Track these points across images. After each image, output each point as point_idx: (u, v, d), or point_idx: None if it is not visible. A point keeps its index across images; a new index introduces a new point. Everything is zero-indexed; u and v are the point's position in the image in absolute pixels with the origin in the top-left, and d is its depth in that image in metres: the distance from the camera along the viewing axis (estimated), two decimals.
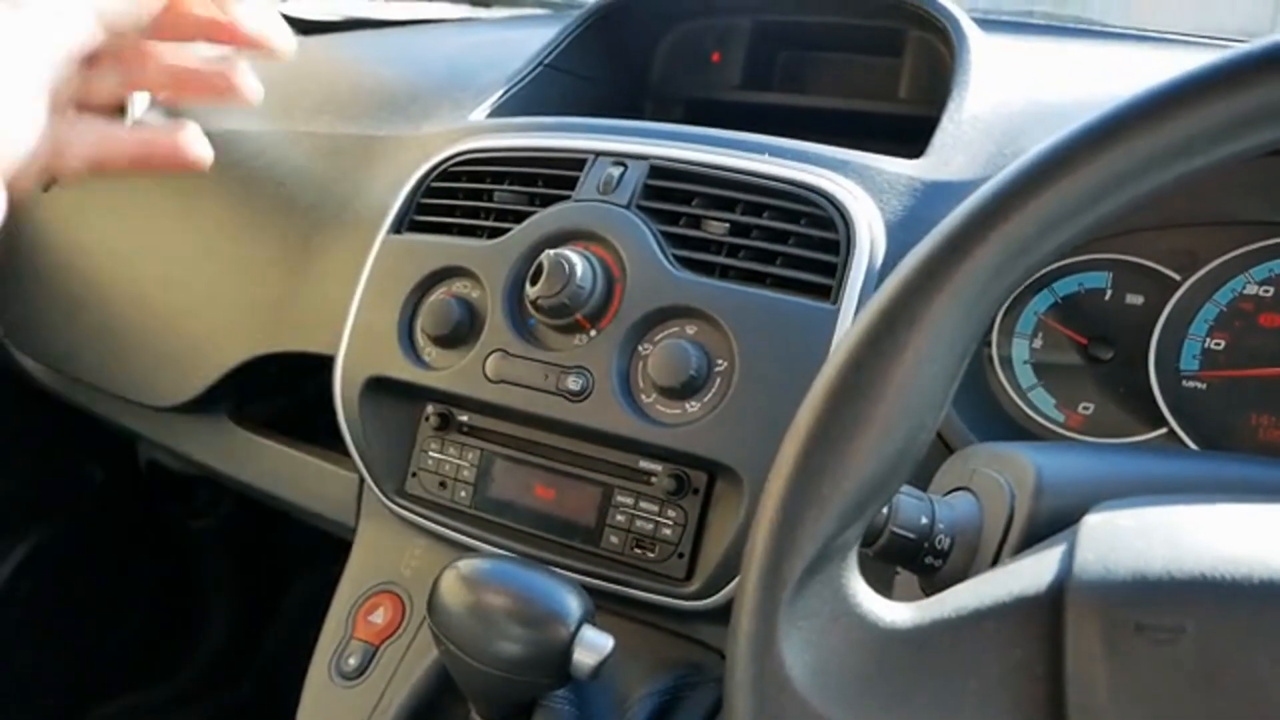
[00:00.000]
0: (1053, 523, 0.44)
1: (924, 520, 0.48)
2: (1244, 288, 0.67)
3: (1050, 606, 0.35)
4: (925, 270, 0.36)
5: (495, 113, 0.97)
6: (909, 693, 0.36)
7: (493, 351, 0.76)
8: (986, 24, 0.94)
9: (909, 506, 0.48)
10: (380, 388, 0.82)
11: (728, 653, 0.38)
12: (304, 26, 1.67)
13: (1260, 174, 0.65)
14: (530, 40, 1.07)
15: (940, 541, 0.48)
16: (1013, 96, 0.81)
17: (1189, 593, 0.33)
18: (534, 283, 0.72)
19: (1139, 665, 0.32)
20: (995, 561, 0.46)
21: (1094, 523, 0.38)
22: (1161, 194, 0.35)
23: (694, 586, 0.70)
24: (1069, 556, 0.36)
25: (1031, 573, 0.37)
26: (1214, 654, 0.32)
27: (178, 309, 1.04)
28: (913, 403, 0.36)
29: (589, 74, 1.09)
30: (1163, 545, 0.35)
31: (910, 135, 0.84)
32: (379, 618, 0.83)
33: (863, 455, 0.36)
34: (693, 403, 0.69)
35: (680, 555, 0.71)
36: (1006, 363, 0.73)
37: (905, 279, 0.36)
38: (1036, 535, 0.44)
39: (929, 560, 0.48)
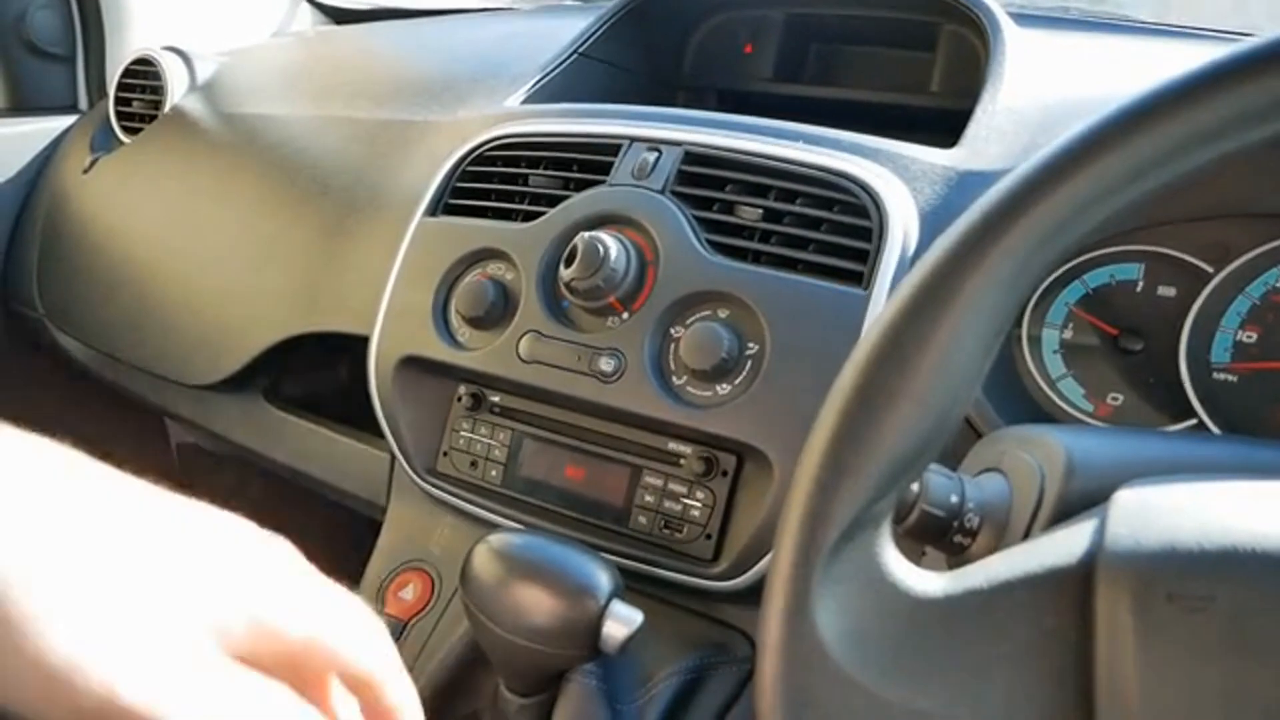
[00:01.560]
0: (1083, 503, 0.44)
1: (954, 499, 0.48)
2: (1277, 280, 0.67)
3: (1082, 577, 0.36)
4: (963, 247, 0.36)
5: (529, 99, 0.98)
6: (940, 658, 0.37)
7: (526, 333, 0.77)
8: (1021, 18, 0.94)
9: (939, 485, 0.48)
10: (414, 367, 0.83)
11: (761, 617, 0.39)
12: (340, 15, 1.69)
13: None
14: (563, 30, 1.09)
15: (970, 520, 0.49)
16: (1048, 89, 0.81)
17: (1219, 563, 0.33)
18: (568, 265, 0.73)
19: (1169, 633, 0.33)
20: (1024, 541, 0.47)
21: (1125, 498, 0.38)
22: (1195, 177, 0.36)
23: (721, 567, 0.71)
24: (1101, 529, 0.37)
25: (1064, 544, 0.37)
26: (1243, 621, 0.32)
27: (215, 289, 1.06)
28: (948, 378, 0.37)
29: (622, 63, 1.10)
30: (1193, 519, 0.35)
31: (941, 128, 0.84)
32: (408, 594, 0.85)
33: (898, 427, 0.37)
34: (723, 385, 0.70)
35: (708, 536, 0.72)
36: (1036, 352, 0.73)
37: (943, 255, 0.37)
38: (1066, 515, 0.44)
39: (958, 539, 0.49)
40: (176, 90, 1.26)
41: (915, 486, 0.48)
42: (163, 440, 1.58)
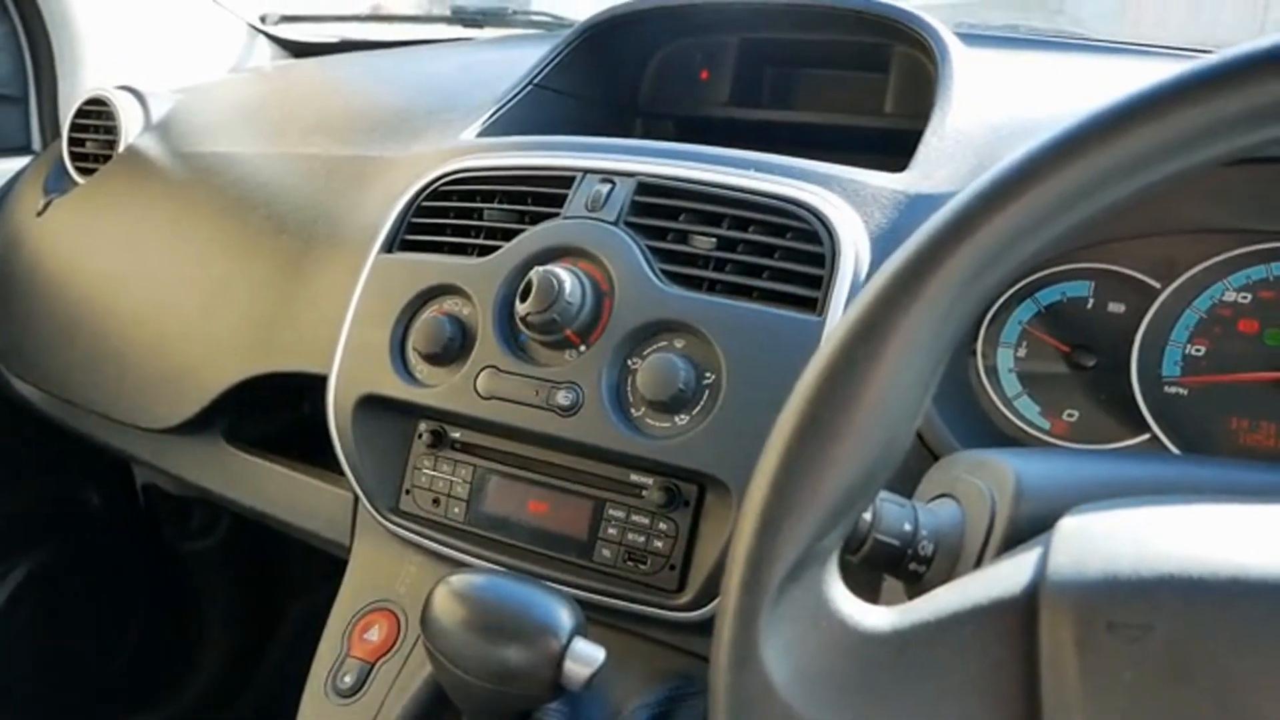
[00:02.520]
0: (1032, 527, 0.44)
1: (907, 527, 0.48)
2: (1223, 294, 0.68)
3: (1026, 607, 0.36)
4: (897, 284, 0.37)
5: (485, 132, 0.98)
6: (889, 694, 0.36)
7: (484, 368, 0.77)
8: (971, 38, 0.95)
9: (892, 513, 0.48)
10: (373, 406, 0.83)
11: (711, 657, 0.38)
12: (298, 49, 1.69)
13: (1236, 182, 0.67)
14: (521, 60, 1.09)
15: (923, 548, 0.49)
16: (995, 110, 0.82)
17: (1157, 591, 0.33)
18: (524, 300, 0.73)
19: (1110, 662, 0.33)
20: (978, 566, 0.47)
21: (1068, 525, 0.38)
22: (1122, 207, 0.36)
23: (686, 598, 0.71)
24: (1043, 559, 0.37)
25: (1008, 575, 0.37)
26: (1181, 650, 0.32)
27: (171, 331, 1.05)
28: (887, 412, 0.37)
29: (579, 93, 1.10)
30: (1132, 546, 0.35)
31: (898, 148, 0.85)
32: (375, 635, 0.84)
33: (839, 464, 0.37)
34: (682, 416, 0.70)
35: (672, 567, 0.72)
36: (992, 371, 0.74)
37: (878, 293, 0.37)
38: (1017, 539, 0.45)
39: (913, 566, 0.49)
40: (131, 130, 1.25)
41: (868, 516, 0.48)
42: (128, 479, 1.57)
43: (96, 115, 1.27)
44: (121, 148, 1.23)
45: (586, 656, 0.60)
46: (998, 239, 0.36)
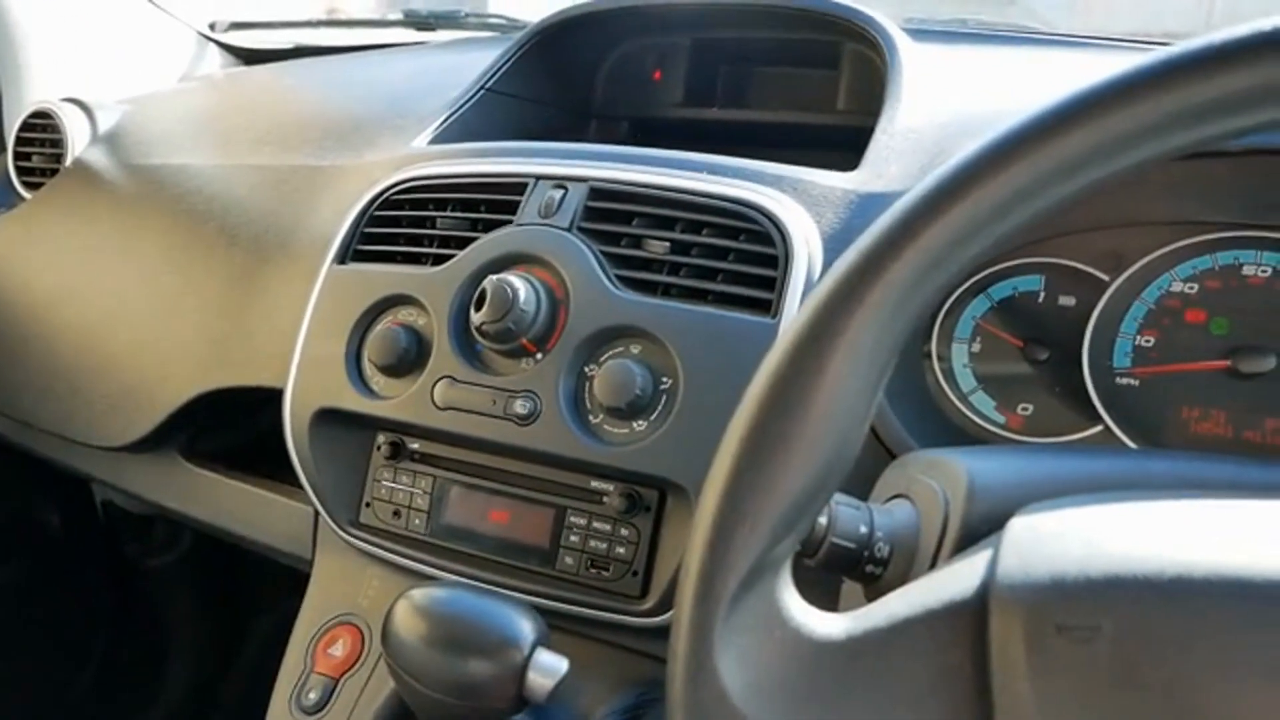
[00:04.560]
0: (986, 525, 0.45)
1: (863, 529, 0.49)
2: (1170, 285, 0.69)
3: (976, 610, 0.36)
4: (841, 291, 0.37)
5: (437, 139, 0.97)
6: (844, 701, 0.37)
7: (440, 379, 0.76)
8: (920, 34, 0.96)
9: (847, 516, 0.48)
10: (330, 419, 0.82)
11: (667, 669, 0.38)
12: (249, 56, 1.66)
13: (1181, 175, 0.67)
14: (474, 64, 1.08)
15: (880, 549, 0.49)
16: (944, 106, 0.83)
17: (1104, 592, 0.34)
18: (478, 309, 0.72)
19: (1060, 664, 0.33)
20: (933, 567, 0.47)
21: (1018, 526, 0.39)
22: (1063, 206, 0.36)
23: (649, 604, 0.70)
24: (993, 561, 0.37)
25: (959, 578, 0.37)
26: (1128, 651, 0.33)
27: (123, 347, 1.03)
28: (836, 418, 0.37)
29: (532, 96, 1.09)
30: (1080, 546, 0.36)
31: (853, 145, 0.85)
32: (338, 650, 0.83)
33: (790, 471, 0.37)
34: (640, 421, 0.70)
35: (634, 573, 0.71)
36: (947, 368, 0.74)
37: (822, 300, 0.37)
38: (970, 538, 0.45)
39: (870, 569, 0.49)
40: (78, 143, 1.23)
41: (824, 519, 0.48)
42: (87, 497, 1.54)
43: (42, 128, 1.24)
44: (68, 161, 1.21)
45: (549, 668, 0.59)
46: (939, 244, 0.36)
